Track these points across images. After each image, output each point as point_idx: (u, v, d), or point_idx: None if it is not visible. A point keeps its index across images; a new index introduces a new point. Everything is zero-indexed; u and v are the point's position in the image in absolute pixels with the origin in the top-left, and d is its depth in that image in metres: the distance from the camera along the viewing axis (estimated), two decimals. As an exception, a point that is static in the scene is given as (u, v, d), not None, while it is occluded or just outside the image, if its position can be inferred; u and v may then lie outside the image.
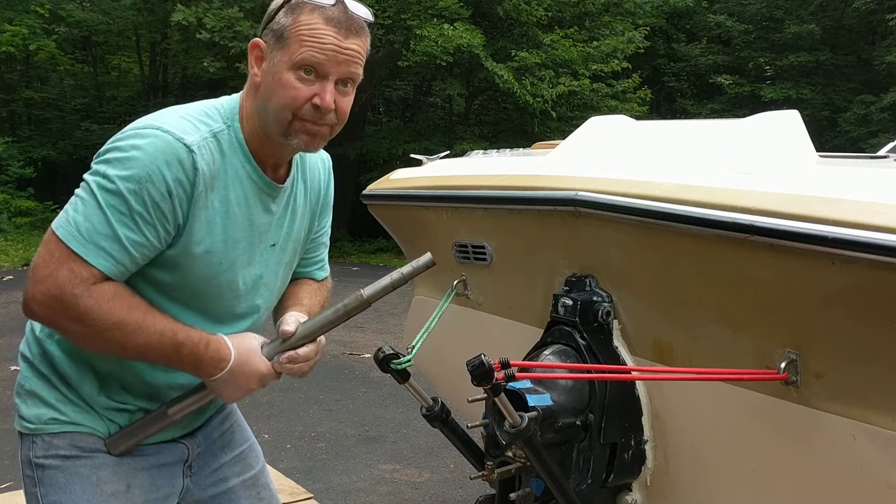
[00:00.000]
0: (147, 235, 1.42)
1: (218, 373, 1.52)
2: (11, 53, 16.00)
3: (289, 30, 1.46)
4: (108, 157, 1.43)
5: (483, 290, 2.82)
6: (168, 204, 1.42)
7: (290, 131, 1.49)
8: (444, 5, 13.98)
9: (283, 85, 1.46)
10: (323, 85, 1.46)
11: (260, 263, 1.62)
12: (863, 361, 1.77)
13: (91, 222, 1.39)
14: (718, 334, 2.06)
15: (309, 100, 1.46)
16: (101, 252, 1.40)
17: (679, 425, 2.25)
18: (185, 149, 1.42)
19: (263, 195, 1.57)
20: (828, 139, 16.66)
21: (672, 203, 1.99)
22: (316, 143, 1.54)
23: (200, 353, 1.49)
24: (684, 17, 21.78)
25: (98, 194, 1.40)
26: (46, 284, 1.39)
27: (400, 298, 10.70)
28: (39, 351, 1.60)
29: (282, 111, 1.47)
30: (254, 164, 1.54)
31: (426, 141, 14.95)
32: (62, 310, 1.39)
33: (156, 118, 1.46)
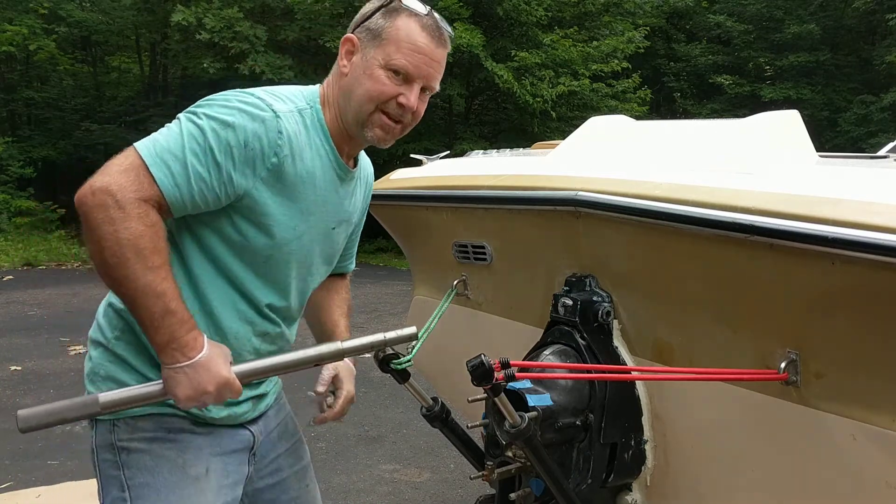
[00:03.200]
0: (211, 172, 1.48)
1: (183, 360, 1.46)
2: (11, 53, 16.00)
3: (386, 30, 1.60)
4: (202, 102, 1.53)
5: (483, 290, 2.82)
6: (241, 153, 1.49)
7: (368, 122, 1.62)
8: (443, 5, 13.98)
9: (373, 79, 1.59)
10: (409, 87, 1.62)
11: (322, 241, 1.72)
12: (863, 361, 1.77)
13: (168, 143, 1.47)
14: (718, 334, 2.06)
15: (394, 97, 1.61)
16: (165, 168, 1.45)
17: (679, 425, 2.25)
18: (272, 113, 1.52)
19: (336, 177, 1.68)
20: (828, 139, 16.66)
21: (672, 203, 1.99)
22: (388, 139, 1.67)
23: (178, 332, 1.46)
24: (684, 17, 21.80)
25: (183, 123, 1.50)
26: (111, 177, 1.42)
27: (400, 298, 10.72)
28: (119, 331, 1.60)
29: (367, 102, 1.60)
30: (332, 145, 1.65)
31: (426, 141, 14.93)
32: (109, 205, 1.40)
33: (252, 90, 1.57)
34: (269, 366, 1.59)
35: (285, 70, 13.78)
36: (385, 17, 1.62)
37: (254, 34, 13.80)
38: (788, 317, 1.88)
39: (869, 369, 1.76)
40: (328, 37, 13.86)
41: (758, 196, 1.85)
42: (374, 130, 1.64)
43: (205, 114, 1.50)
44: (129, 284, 1.43)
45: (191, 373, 1.47)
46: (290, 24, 14.61)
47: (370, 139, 1.66)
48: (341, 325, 1.98)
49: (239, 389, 1.52)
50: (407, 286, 3.86)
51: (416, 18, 1.64)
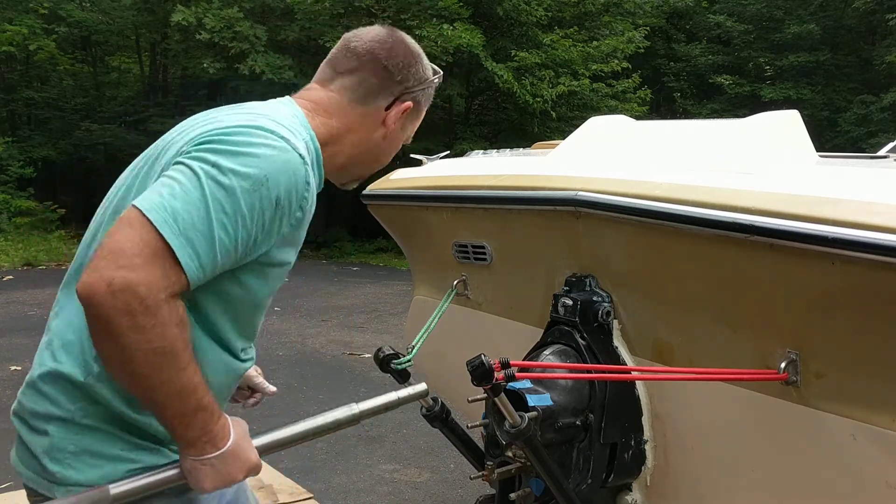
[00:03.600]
0: (237, 241, 1.27)
1: (212, 451, 1.30)
2: (11, 53, 16.00)
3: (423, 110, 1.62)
4: (219, 147, 1.28)
5: (483, 290, 2.82)
6: (272, 213, 1.29)
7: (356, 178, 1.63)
8: (443, 5, 13.98)
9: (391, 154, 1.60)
10: None
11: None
12: (863, 361, 1.77)
13: (190, 214, 1.22)
14: (718, 334, 2.06)
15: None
16: (192, 251, 1.22)
17: (679, 425, 2.25)
18: (301, 160, 1.33)
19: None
20: (828, 139, 16.66)
21: (672, 203, 1.99)
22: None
23: (210, 425, 1.30)
24: (684, 17, 21.80)
25: (205, 184, 1.24)
26: (135, 274, 1.16)
27: (400, 298, 10.71)
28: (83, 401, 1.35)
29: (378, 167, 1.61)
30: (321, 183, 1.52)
31: (426, 141, 14.92)
32: (136, 311, 1.16)
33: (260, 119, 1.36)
34: (289, 436, 1.48)
35: (285, 70, 13.78)
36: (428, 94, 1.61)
37: (254, 34, 13.81)
38: (788, 317, 1.88)
39: (869, 369, 1.76)
40: (328, 37, 13.86)
41: (758, 196, 1.85)
42: (355, 183, 1.65)
43: (230, 169, 1.25)
44: (161, 390, 1.23)
45: (218, 464, 1.32)
46: (290, 24, 14.61)
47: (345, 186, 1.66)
48: None
49: (260, 467, 1.40)
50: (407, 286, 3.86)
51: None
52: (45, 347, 1.39)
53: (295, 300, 9.84)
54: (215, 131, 1.32)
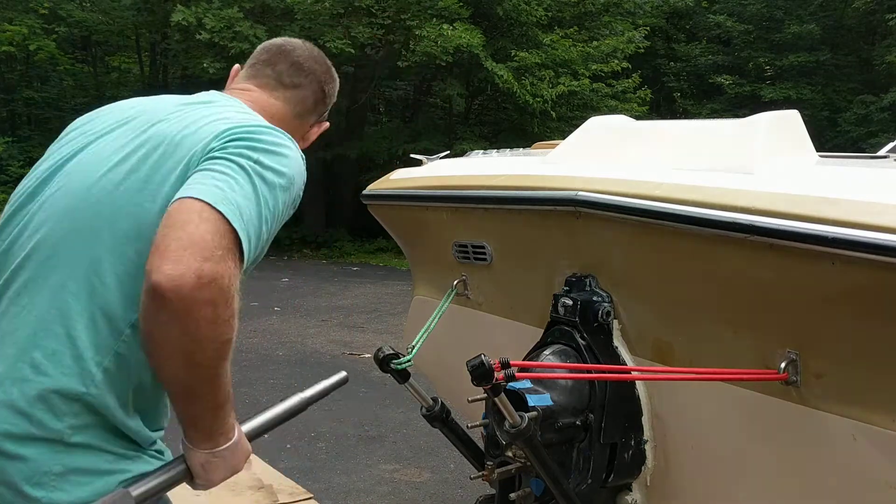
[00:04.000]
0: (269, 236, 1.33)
1: (224, 443, 1.32)
2: (11, 53, 15.99)
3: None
4: (256, 145, 1.33)
5: (483, 290, 2.82)
6: (291, 211, 1.41)
7: None
8: (443, 5, 13.97)
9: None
10: None
11: None
12: (863, 361, 1.77)
13: (249, 209, 1.25)
14: (718, 334, 2.06)
15: None
16: (249, 244, 1.24)
17: (679, 425, 2.25)
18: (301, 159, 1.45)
19: None
20: (828, 139, 16.65)
21: (672, 203, 1.99)
22: None
23: (230, 416, 1.32)
24: (684, 17, 21.79)
25: (255, 180, 1.29)
26: (220, 267, 1.16)
27: (400, 298, 10.71)
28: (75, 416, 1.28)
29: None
30: None
31: (426, 141, 14.94)
32: (218, 302, 1.16)
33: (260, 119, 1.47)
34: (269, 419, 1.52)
35: (285, 70, 13.75)
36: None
37: (254, 34, 13.79)
38: (788, 317, 1.88)
39: (869, 369, 1.76)
40: (328, 37, 13.86)
41: (758, 196, 1.85)
42: None
43: (272, 168, 1.32)
44: (215, 382, 1.25)
45: (229, 455, 1.34)
46: (290, 24, 14.60)
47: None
48: None
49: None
50: (407, 286, 3.85)
51: None
52: (17, 360, 1.28)
53: (295, 300, 9.84)
54: (242, 129, 1.36)
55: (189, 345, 1.18)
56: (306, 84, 1.65)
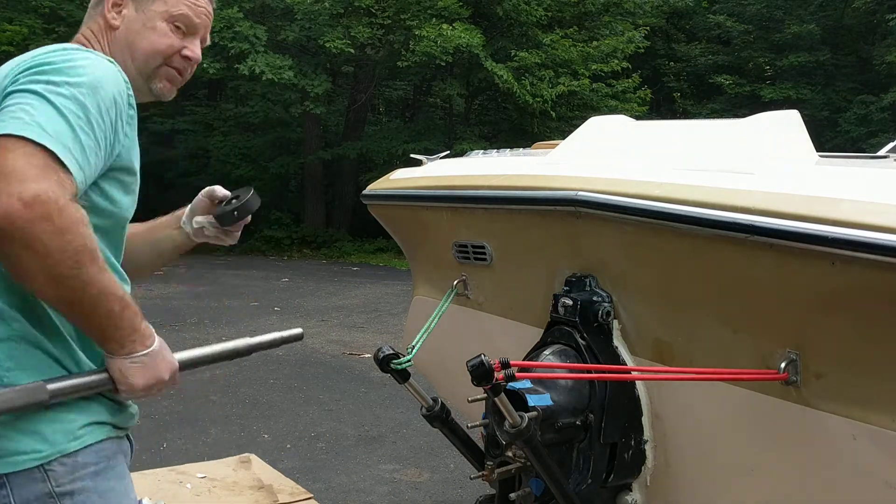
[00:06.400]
0: (99, 142, 1.36)
1: (141, 349, 1.38)
2: (11, 53, 15.99)
3: None
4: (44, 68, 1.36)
5: (483, 290, 2.82)
6: (113, 111, 1.39)
7: (154, 76, 1.59)
8: (443, 5, 13.98)
9: (158, 33, 1.57)
10: (192, 40, 1.61)
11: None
12: (863, 361, 1.77)
13: (54, 124, 1.29)
14: (718, 334, 2.06)
15: (179, 51, 1.59)
16: (71, 156, 1.29)
17: (679, 425, 2.24)
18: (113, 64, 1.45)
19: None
20: (828, 139, 16.65)
21: (672, 203, 1.99)
22: (174, 90, 1.64)
23: (137, 323, 1.38)
24: (684, 17, 21.80)
25: (52, 98, 1.32)
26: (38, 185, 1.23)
27: (400, 298, 10.71)
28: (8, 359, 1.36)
29: (153, 57, 1.57)
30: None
31: (426, 141, 14.95)
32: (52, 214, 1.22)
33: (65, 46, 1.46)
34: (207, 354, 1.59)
35: (285, 70, 13.79)
36: None
37: (254, 34, 13.81)
38: (788, 317, 1.88)
39: (869, 369, 1.76)
40: (328, 37, 13.87)
41: (758, 196, 1.85)
42: (163, 83, 1.61)
43: (66, 82, 1.34)
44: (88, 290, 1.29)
45: (149, 362, 1.40)
46: (290, 24, 14.62)
47: (157, 92, 1.62)
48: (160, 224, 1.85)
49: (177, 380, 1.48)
50: (407, 286, 3.86)
51: None
52: None
53: (295, 300, 9.85)
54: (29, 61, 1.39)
55: (43, 262, 1.25)
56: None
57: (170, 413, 5.28)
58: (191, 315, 8.78)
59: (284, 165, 17.08)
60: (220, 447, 4.59)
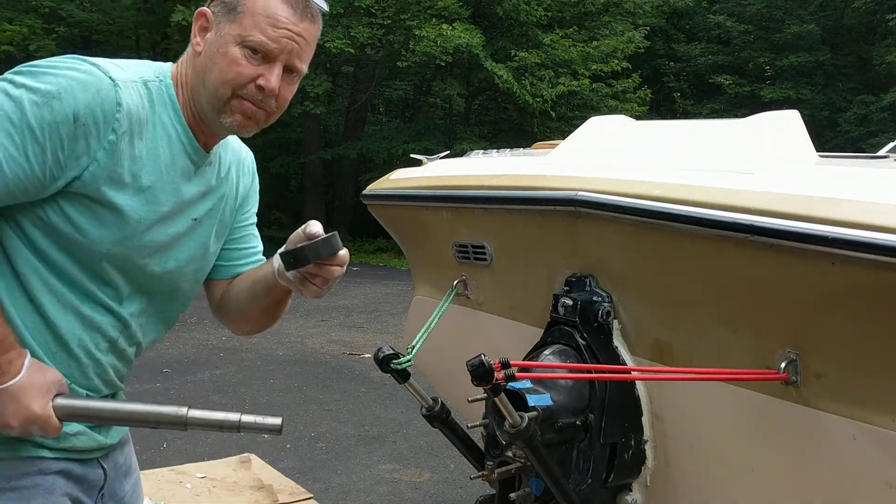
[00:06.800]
0: (28, 156, 1.24)
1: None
2: (11, 53, 15.99)
3: (242, 4, 1.39)
4: (23, 68, 1.29)
5: (483, 290, 2.82)
6: (69, 129, 1.26)
7: (226, 108, 1.41)
8: (443, 5, 13.98)
9: (228, 59, 1.38)
10: (269, 67, 1.39)
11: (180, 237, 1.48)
12: (863, 361, 1.77)
13: None
14: (718, 334, 2.06)
15: (254, 79, 1.39)
16: None
17: (679, 425, 2.24)
18: (110, 81, 1.30)
19: (189, 161, 1.45)
20: (828, 139, 16.67)
21: (672, 203, 1.99)
22: (250, 126, 1.44)
23: None
24: (684, 17, 21.81)
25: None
26: None
27: (400, 298, 10.73)
28: None
29: (222, 86, 1.39)
30: (184, 124, 1.43)
31: (426, 141, 14.95)
32: None
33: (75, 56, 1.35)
34: (101, 410, 1.38)
35: (285, 70, 13.77)
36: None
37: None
38: (788, 317, 1.88)
39: (869, 369, 1.76)
40: (328, 37, 13.85)
41: (758, 196, 1.85)
42: (234, 117, 1.41)
43: (23, 84, 1.25)
44: None
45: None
46: (289, 25, 14.59)
47: (229, 127, 1.43)
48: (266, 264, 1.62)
49: (56, 428, 1.32)
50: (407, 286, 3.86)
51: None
52: None
53: (295, 300, 9.80)
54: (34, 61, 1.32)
55: None
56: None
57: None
58: (191, 315, 8.79)
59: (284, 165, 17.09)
60: (220, 447, 4.59)
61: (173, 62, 1.50)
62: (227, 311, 1.67)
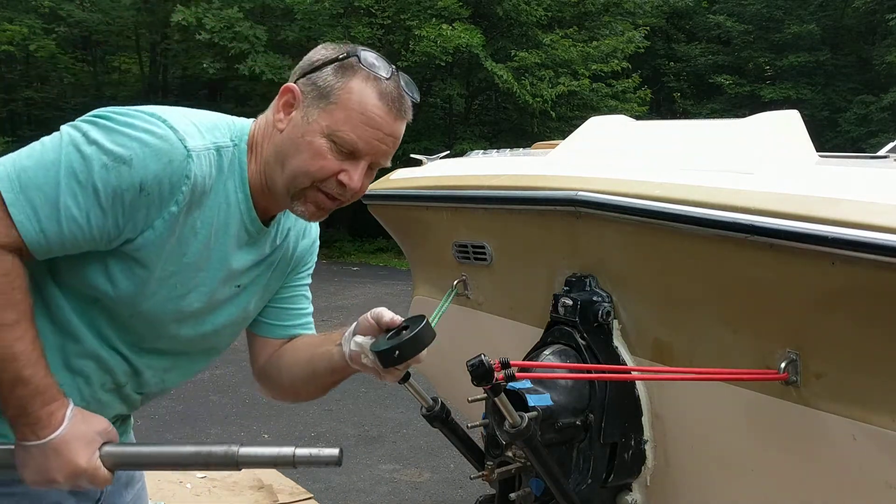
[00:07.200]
0: (90, 218, 1.21)
1: (32, 439, 1.22)
2: (11, 53, 15.99)
3: (336, 93, 1.32)
4: (99, 121, 1.25)
5: (483, 290, 2.82)
6: (133, 197, 1.22)
7: (300, 196, 1.36)
8: (443, 5, 13.98)
9: (313, 150, 1.32)
10: (354, 164, 1.35)
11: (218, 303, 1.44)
12: (863, 361, 1.77)
13: (37, 174, 1.19)
14: (718, 334, 2.06)
15: (336, 174, 1.34)
16: (30, 209, 1.18)
17: (679, 425, 2.24)
18: (184, 151, 1.25)
19: (245, 232, 1.41)
20: (828, 139, 16.67)
21: (672, 203, 1.99)
22: (321, 216, 1.41)
23: (30, 406, 1.21)
24: (684, 17, 21.82)
25: (64, 148, 1.21)
26: None
27: (400, 299, 10.73)
28: None
29: (303, 176, 1.34)
30: (247, 194, 1.38)
31: (426, 141, 14.94)
32: None
33: (161, 109, 1.30)
34: (150, 455, 1.35)
35: (285, 70, 13.77)
36: (337, 75, 1.33)
37: (254, 34, 13.81)
38: (788, 317, 1.88)
39: (869, 369, 1.76)
40: (328, 37, 13.84)
41: (758, 196, 1.85)
42: (307, 206, 1.37)
43: (96, 140, 1.21)
44: None
45: (38, 455, 1.22)
46: (290, 25, 14.62)
47: (300, 213, 1.39)
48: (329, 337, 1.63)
49: (105, 479, 1.27)
50: (407, 286, 3.85)
51: (376, 83, 1.33)
52: None
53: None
54: (108, 109, 1.28)
55: None
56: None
57: (170, 413, 5.28)
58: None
59: (285, 165, 17.05)
60: (220, 447, 4.58)
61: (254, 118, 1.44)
62: (273, 379, 1.63)
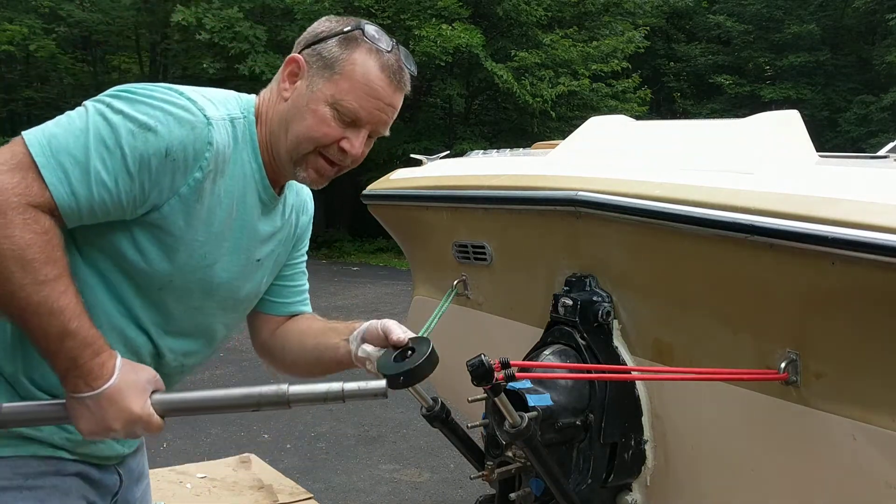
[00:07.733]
0: (118, 182, 1.24)
1: (85, 390, 1.24)
2: (11, 53, 16.00)
3: (341, 64, 1.39)
4: (122, 94, 1.28)
5: (483, 290, 2.82)
6: (159, 163, 1.26)
7: (302, 162, 1.43)
8: (443, 5, 13.98)
9: (317, 118, 1.39)
10: (356, 131, 1.42)
11: (241, 275, 1.48)
12: (863, 361, 1.77)
13: (67, 140, 1.22)
14: (718, 334, 2.06)
15: (338, 141, 1.41)
16: (61, 172, 1.21)
17: (679, 425, 2.24)
18: (204, 119, 1.30)
19: (259, 201, 1.46)
20: (828, 139, 16.68)
21: (672, 203, 1.99)
22: (321, 182, 1.47)
23: (81, 357, 1.23)
24: (684, 17, 21.83)
25: (91, 117, 1.25)
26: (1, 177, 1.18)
27: (400, 299, 10.71)
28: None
29: (306, 142, 1.40)
30: (260, 163, 1.44)
31: (426, 141, 14.95)
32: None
33: (176, 86, 1.34)
34: (201, 400, 1.35)
35: (285, 70, 13.78)
36: (342, 47, 1.40)
37: (254, 34, 13.82)
38: (788, 317, 1.88)
39: (869, 369, 1.76)
40: (328, 37, 13.83)
41: (758, 196, 1.85)
42: (308, 171, 1.44)
43: (121, 110, 1.25)
44: (16, 303, 1.19)
45: (93, 406, 1.24)
46: (289, 25, 14.61)
47: (301, 179, 1.46)
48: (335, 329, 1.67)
49: (159, 425, 1.29)
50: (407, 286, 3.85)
51: (378, 55, 1.41)
52: None
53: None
54: (130, 84, 1.32)
55: None
56: None
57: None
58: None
59: (284, 165, 17.06)
60: (220, 447, 4.59)
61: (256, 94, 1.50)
62: (275, 355, 1.69)
